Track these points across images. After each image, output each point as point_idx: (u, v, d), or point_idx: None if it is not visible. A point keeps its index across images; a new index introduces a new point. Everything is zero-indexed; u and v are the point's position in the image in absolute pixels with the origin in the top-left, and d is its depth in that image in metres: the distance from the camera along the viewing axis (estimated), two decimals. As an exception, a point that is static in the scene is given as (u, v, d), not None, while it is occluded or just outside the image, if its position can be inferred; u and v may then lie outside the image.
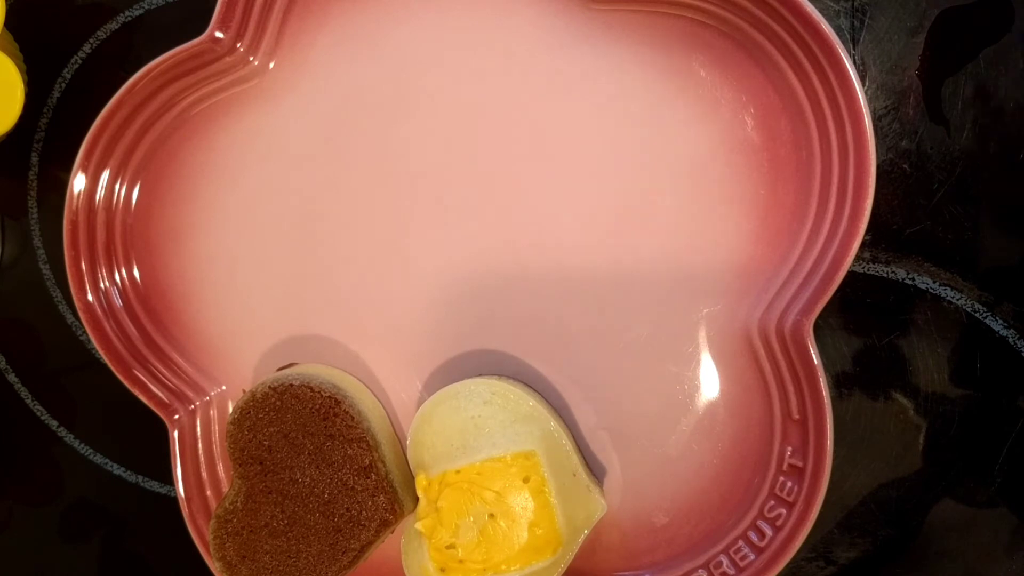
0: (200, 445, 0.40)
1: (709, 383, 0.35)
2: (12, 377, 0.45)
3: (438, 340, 0.37)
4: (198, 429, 0.40)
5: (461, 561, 0.32)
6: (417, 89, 0.37)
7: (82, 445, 0.45)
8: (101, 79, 0.42)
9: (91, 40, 0.42)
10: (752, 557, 0.33)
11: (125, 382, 0.39)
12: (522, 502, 0.32)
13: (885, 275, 0.35)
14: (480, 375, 0.36)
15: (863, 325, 0.36)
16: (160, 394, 0.39)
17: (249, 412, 0.34)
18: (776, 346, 0.33)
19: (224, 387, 0.39)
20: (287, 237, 0.38)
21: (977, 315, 0.35)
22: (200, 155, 0.39)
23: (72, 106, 0.43)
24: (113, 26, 0.42)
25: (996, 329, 0.35)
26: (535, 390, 0.36)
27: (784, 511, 0.33)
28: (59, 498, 0.45)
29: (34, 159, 0.43)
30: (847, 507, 0.36)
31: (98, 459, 0.45)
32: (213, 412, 0.40)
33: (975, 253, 0.35)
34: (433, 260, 0.37)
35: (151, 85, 0.37)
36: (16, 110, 0.37)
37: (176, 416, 0.39)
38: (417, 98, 0.37)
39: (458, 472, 0.33)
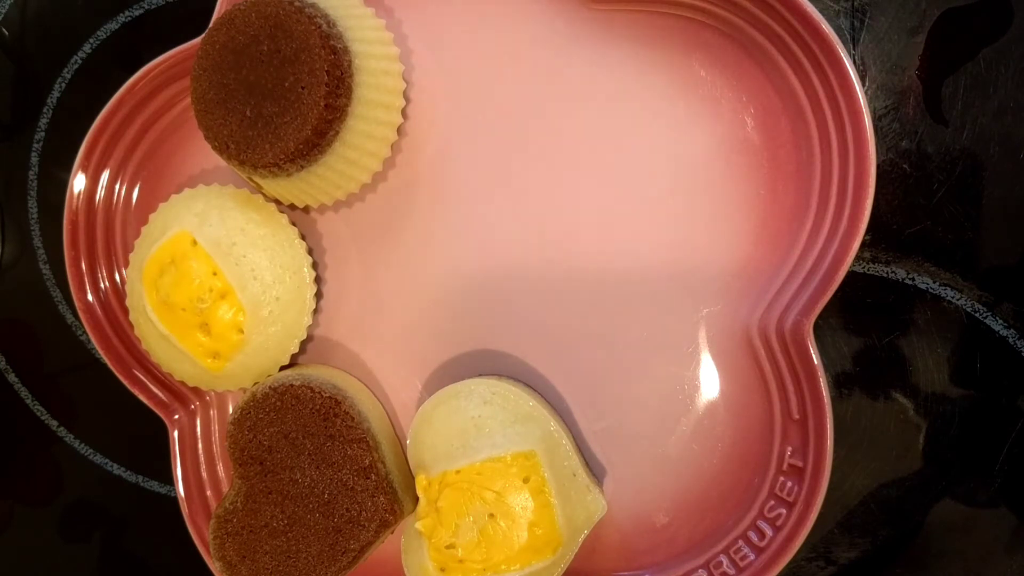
0: (200, 445, 0.40)
1: (709, 383, 0.35)
2: (12, 377, 0.45)
3: (438, 340, 0.37)
4: (198, 429, 0.40)
5: (461, 561, 0.32)
6: (416, 89, 0.37)
7: (82, 445, 0.45)
8: (101, 79, 0.42)
9: (91, 40, 0.42)
10: (752, 557, 0.33)
11: (125, 382, 0.39)
12: (522, 502, 0.32)
13: (885, 275, 0.35)
14: (480, 375, 0.36)
15: (863, 325, 0.36)
16: (160, 394, 0.39)
17: (249, 412, 0.34)
18: (776, 346, 0.33)
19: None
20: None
21: (977, 315, 0.35)
22: (200, 155, 0.39)
23: (72, 106, 0.43)
24: (113, 26, 0.42)
25: (996, 329, 0.35)
26: (535, 390, 0.36)
27: (784, 511, 0.33)
28: (59, 498, 0.45)
29: (34, 159, 0.43)
30: (847, 507, 0.36)
31: (98, 459, 0.45)
32: (213, 412, 0.40)
33: (975, 253, 0.35)
34: (432, 260, 0.37)
35: (151, 85, 0.37)
36: None
37: (176, 416, 0.39)
38: (415, 97, 0.37)
39: (458, 472, 0.32)
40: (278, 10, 0.31)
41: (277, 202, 0.37)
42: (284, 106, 0.31)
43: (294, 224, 0.37)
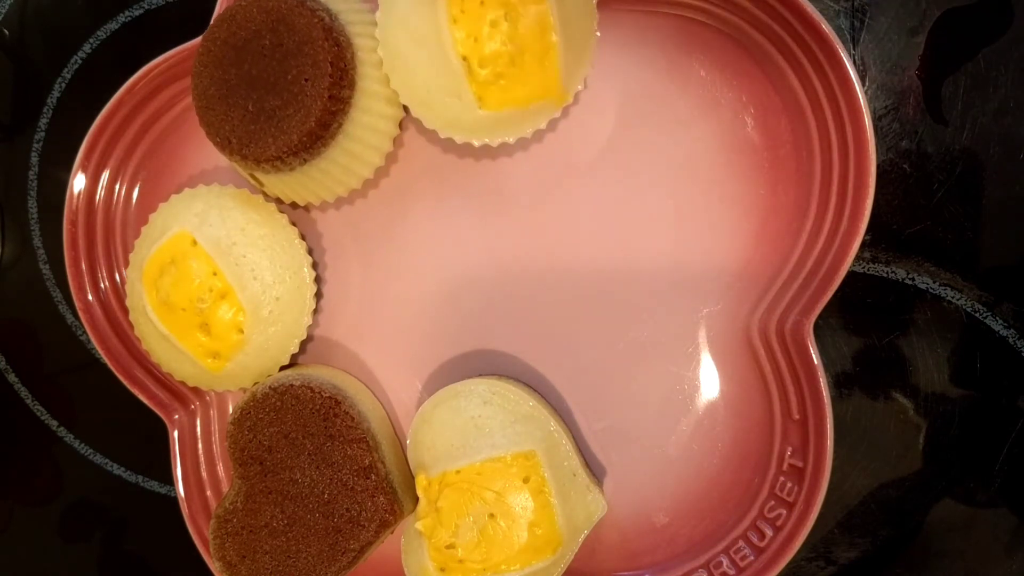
0: (200, 445, 0.40)
1: (709, 383, 0.35)
2: (12, 377, 0.45)
3: (438, 340, 0.37)
4: (198, 429, 0.40)
5: (461, 561, 0.32)
6: (417, 89, 0.37)
7: (82, 445, 0.45)
8: (101, 79, 0.42)
9: (91, 40, 0.42)
10: (752, 557, 0.33)
11: (125, 382, 0.39)
12: (522, 502, 0.32)
13: (885, 275, 0.35)
14: (480, 375, 0.36)
15: (863, 325, 0.36)
16: (160, 394, 0.39)
17: (249, 412, 0.34)
18: (776, 346, 0.33)
19: (224, 387, 0.39)
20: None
21: (977, 315, 0.35)
22: (200, 155, 0.39)
23: (72, 106, 0.43)
24: (113, 26, 0.42)
25: (996, 329, 0.35)
26: (535, 390, 0.36)
27: (784, 511, 0.33)
28: (59, 498, 0.45)
29: (34, 159, 0.43)
30: (847, 507, 0.36)
31: (98, 459, 0.45)
32: (213, 412, 0.40)
33: (975, 253, 0.35)
34: (432, 260, 0.37)
35: (151, 85, 0.37)
36: None
37: (176, 416, 0.39)
38: (417, 98, 0.37)
39: (458, 472, 0.32)
40: (280, 4, 0.31)
41: (277, 202, 0.37)
42: (287, 99, 0.31)
43: (294, 224, 0.37)
